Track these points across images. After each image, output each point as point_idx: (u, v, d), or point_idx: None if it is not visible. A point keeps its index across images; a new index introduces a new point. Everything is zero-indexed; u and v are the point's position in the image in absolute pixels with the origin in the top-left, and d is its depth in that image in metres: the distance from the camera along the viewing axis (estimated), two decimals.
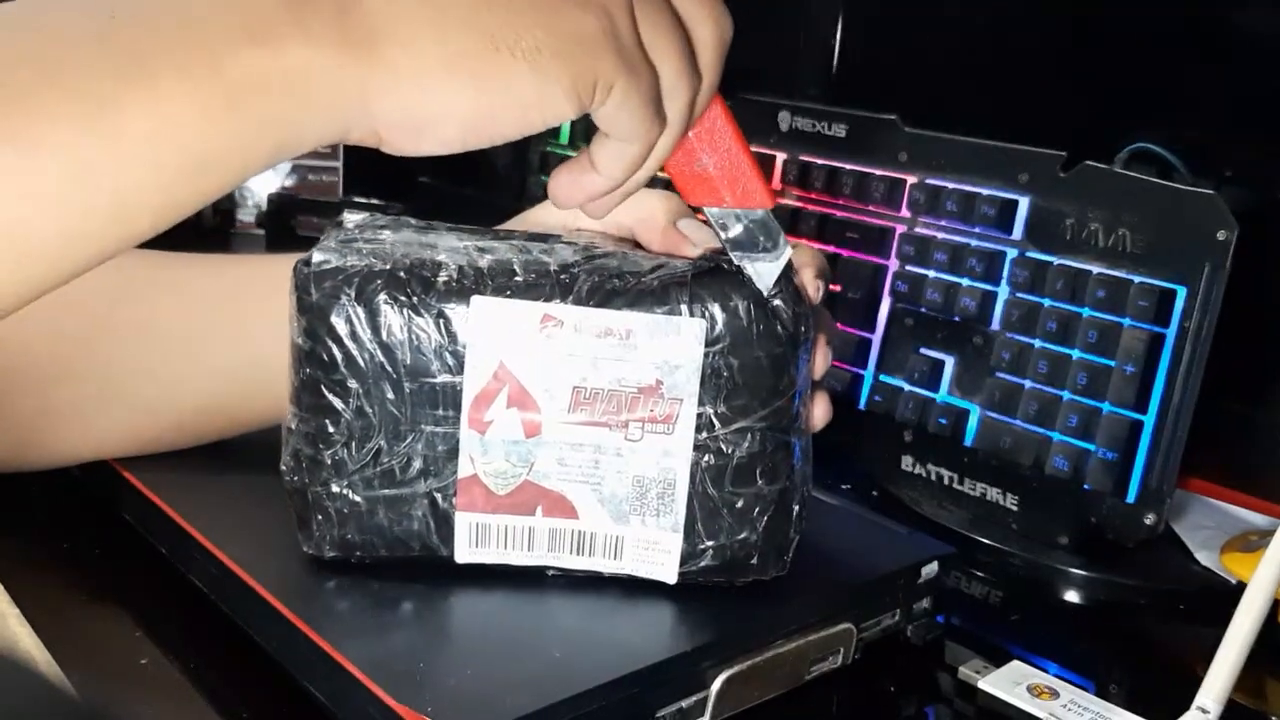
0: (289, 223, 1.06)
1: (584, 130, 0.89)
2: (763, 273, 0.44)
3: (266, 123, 0.36)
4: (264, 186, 1.14)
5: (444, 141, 0.38)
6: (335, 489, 0.45)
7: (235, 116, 0.35)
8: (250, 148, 0.36)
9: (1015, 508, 0.63)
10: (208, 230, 1.09)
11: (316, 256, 0.44)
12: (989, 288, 0.64)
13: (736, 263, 0.44)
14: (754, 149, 0.74)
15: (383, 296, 0.43)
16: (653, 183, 0.44)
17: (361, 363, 0.43)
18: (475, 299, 0.43)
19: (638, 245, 0.49)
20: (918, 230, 0.68)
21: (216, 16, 0.35)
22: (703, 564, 0.45)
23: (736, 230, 0.44)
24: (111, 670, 0.46)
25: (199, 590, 0.49)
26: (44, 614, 0.47)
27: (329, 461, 0.45)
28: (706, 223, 0.45)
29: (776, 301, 0.44)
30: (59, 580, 0.52)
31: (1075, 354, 0.60)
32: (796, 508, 0.46)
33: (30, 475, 0.56)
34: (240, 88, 0.35)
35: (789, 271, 0.45)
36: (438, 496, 0.45)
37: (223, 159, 0.36)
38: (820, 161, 0.73)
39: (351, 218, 0.48)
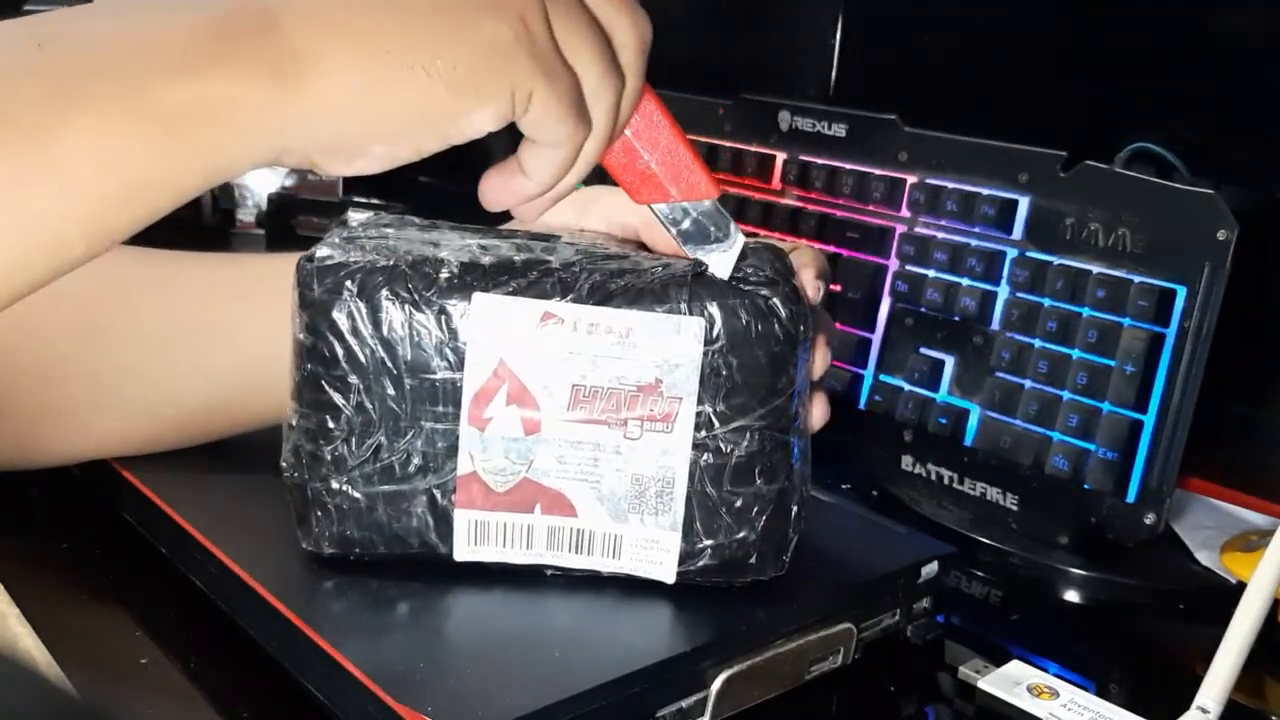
0: (289, 222, 1.06)
1: None
2: (719, 263, 0.45)
3: (196, 151, 0.36)
4: (264, 186, 1.13)
5: (373, 161, 0.39)
6: (335, 485, 0.45)
7: (165, 145, 0.36)
8: (181, 176, 0.37)
9: (1015, 507, 0.63)
10: (208, 230, 1.09)
11: (320, 252, 0.44)
12: (989, 287, 0.64)
13: (692, 256, 0.45)
14: (754, 149, 0.76)
15: (384, 292, 0.43)
16: None
17: (362, 358, 0.44)
18: (476, 296, 0.43)
19: (643, 246, 0.49)
20: (918, 230, 0.68)
21: (145, 47, 0.36)
22: (701, 563, 0.45)
23: (687, 224, 0.45)
24: (111, 670, 0.46)
25: (199, 590, 0.49)
26: (44, 614, 0.47)
27: (329, 457, 0.45)
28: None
29: (776, 300, 0.44)
30: (59, 580, 0.52)
31: (1075, 354, 0.60)
32: (795, 508, 0.46)
33: (30, 475, 0.56)
34: (169, 116, 0.35)
35: (789, 271, 0.45)
36: (437, 493, 0.45)
37: (154, 187, 0.36)
38: (820, 161, 0.73)
39: (356, 216, 0.49)
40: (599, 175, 0.45)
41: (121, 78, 0.35)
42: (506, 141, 0.41)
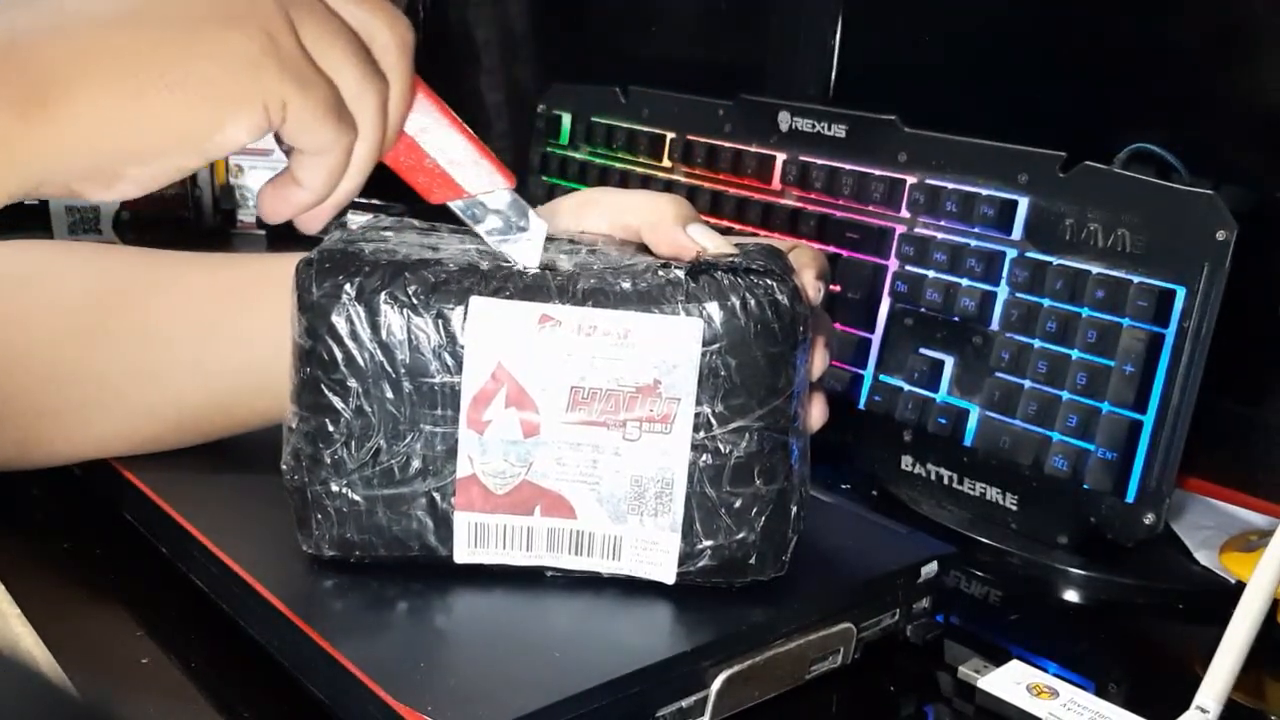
0: (290, 223, 1.06)
1: (583, 130, 0.90)
2: (524, 252, 0.45)
3: None
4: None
5: (133, 185, 0.40)
6: (335, 488, 0.45)
7: None
8: None
9: (1015, 507, 0.63)
10: (209, 230, 1.09)
11: (318, 256, 0.45)
12: (988, 288, 0.64)
13: (495, 249, 0.45)
14: (754, 149, 0.77)
15: (382, 296, 0.43)
16: (658, 186, 0.44)
17: (361, 362, 0.44)
18: (473, 299, 0.43)
19: (643, 248, 0.49)
20: (917, 230, 0.68)
21: None
22: (701, 564, 0.45)
23: (487, 218, 0.45)
24: (112, 670, 0.46)
25: (199, 590, 0.49)
26: (45, 614, 0.47)
27: (328, 460, 0.45)
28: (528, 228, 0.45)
29: (774, 300, 0.43)
30: (59, 580, 0.52)
31: (1075, 354, 0.60)
32: (795, 508, 0.46)
33: (31, 475, 0.57)
34: None
35: (787, 271, 0.45)
36: (436, 496, 0.45)
37: None
38: (820, 162, 0.73)
39: (355, 219, 0.49)
40: (596, 179, 0.45)
41: None
42: (509, 142, 0.41)
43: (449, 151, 0.44)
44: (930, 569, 0.51)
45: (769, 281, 0.44)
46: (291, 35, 0.39)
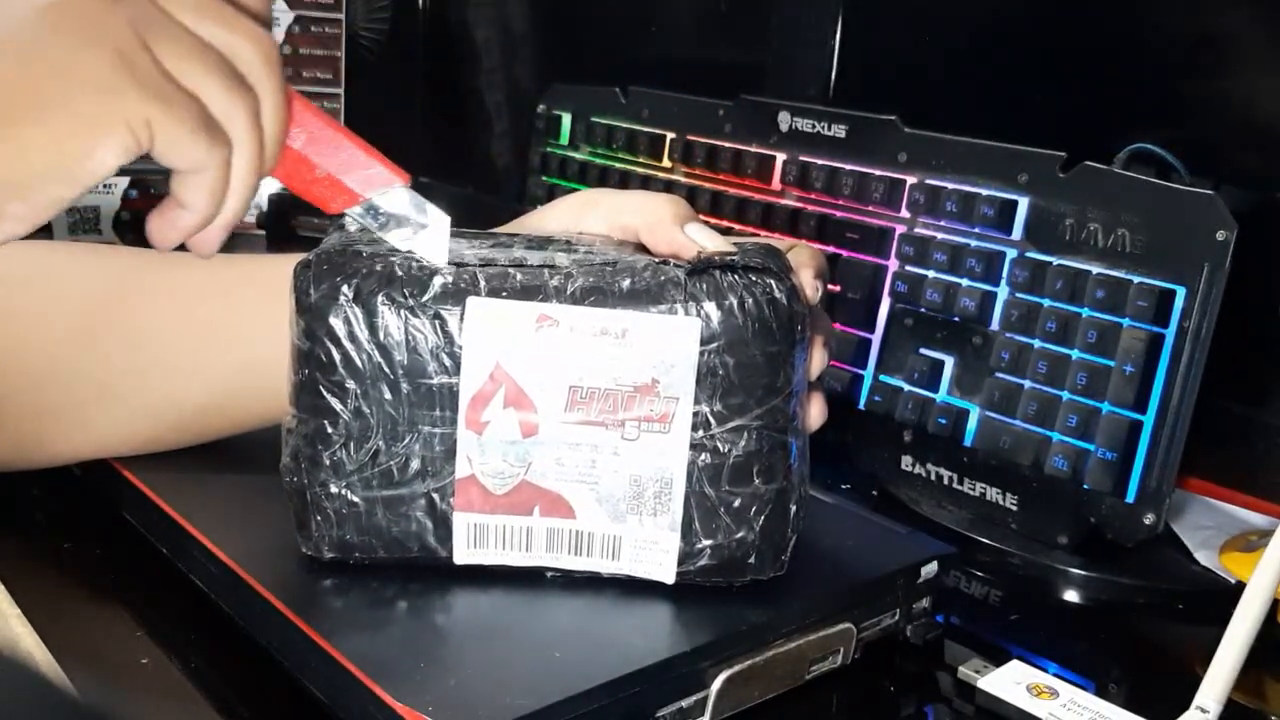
0: (289, 223, 1.06)
1: (583, 130, 0.90)
2: (429, 246, 0.45)
3: None
4: (265, 187, 1.13)
5: (14, 222, 0.39)
6: (334, 490, 0.45)
7: None
8: None
9: (1015, 507, 0.63)
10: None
11: (316, 257, 0.45)
12: (988, 288, 0.63)
13: (402, 249, 0.45)
14: (754, 149, 0.77)
15: (380, 298, 0.43)
16: (658, 186, 0.44)
17: (359, 364, 0.44)
18: (471, 300, 0.43)
19: (641, 248, 0.49)
20: (917, 230, 0.68)
21: None
22: (700, 563, 0.45)
23: (386, 219, 0.45)
24: (112, 670, 0.46)
25: (199, 590, 0.49)
26: (44, 614, 0.47)
27: (327, 462, 0.45)
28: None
29: (773, 299, 0.43)
30: (59, 580, 0.52)
31: (1075, 354, 0.60)
32: (794, 507, 0.46)
33: (30, 475, 0.57)
34: None
35: (785, 270, 0.45)
36: (436, 497, 0.45)
37: None
38: (820, 162, 0.73)
39: (353, 221, 0.48)
40: (596, 180, 0.45)
41: None
42: (509, 143, 0.41)
43: (337, 158, 0.44)
44: (930, 569, 0.51)
45: (767, 280, 0.44)
46: (146, 54, 0.38)
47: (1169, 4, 0.70)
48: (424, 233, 0.45)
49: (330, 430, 0.44)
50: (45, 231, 0.96)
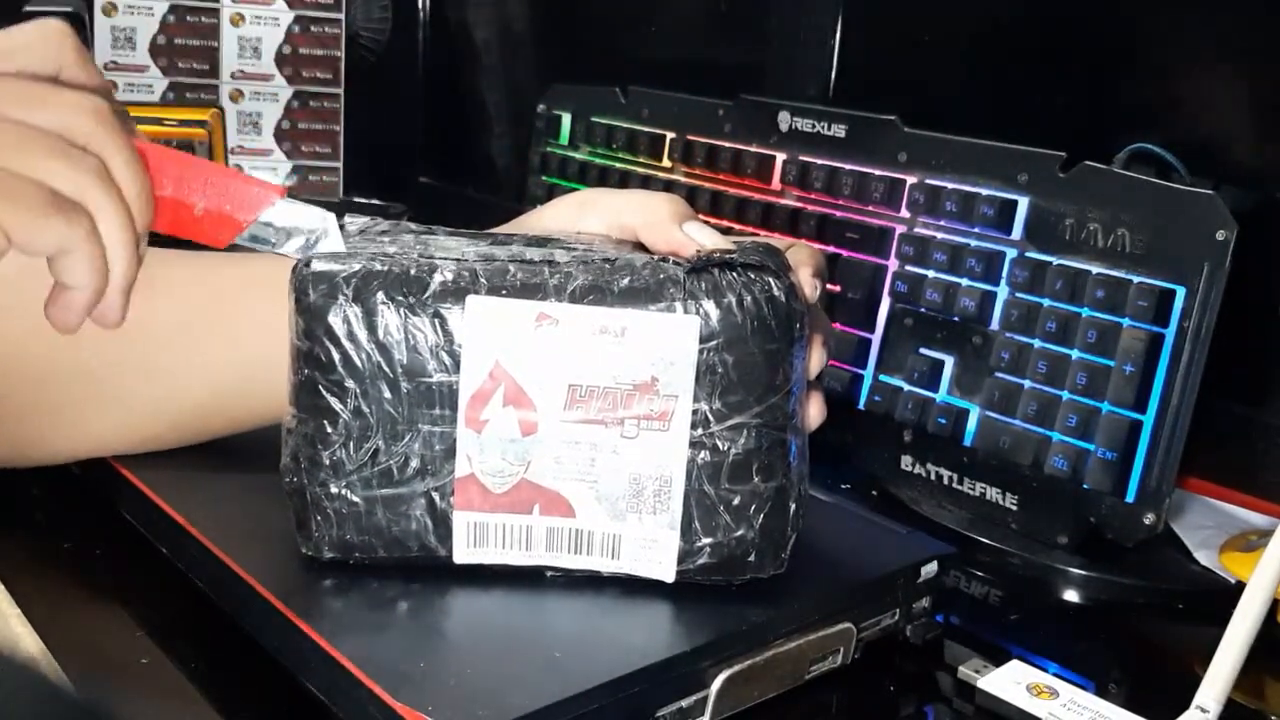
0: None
1: (583, 130, 0.90)
2: (329, 247, 0.45)
3: None
4: None
5: None
6: (334, 489, 0.45)
7: None
8: None
9: (1014, 507, 0.63)
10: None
11: (315, 258, 0.45)
12: (988, 288, 0.63)
13: (302, 258, 0.45)
14: (754, 149, 0.77)
15: (379, 297, 0.43)
16: (658, 186, 0.44)
17: (359, 363, 0.44)
18: (470, 298, 0.43)
19: (640, 247, 0.49)
20: (917, 230, 0.68)
21: None
22: (700, 562, 0.45)
23: (275, 236, 0.45)
24: (111, 669, 0.46)
25: (199, 589, 0.49)
26: (44, 614, 0.47)
27: (327, 462, 0.45)
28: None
29: (772, 297, 0.43)
30: (59, 580, 0.52)
31: (1074, 354, 0.60)
32: (794, 505, 0.46)
33: (30, 474, 0.56)
34: None
35: (784, 268, 0.45)
36: (435, 496, 0.45)
37: None
38: (820, 162, 0.73)
39: (352, 222, 0.48)
40: (595, 180, 0.45)
41: None
42: (509, 143, 0.41)
43: (210, 193, 0.44)
44: (930, 569, 0.51)
45: (766, 278, 0.44)
46: None
47: (1169, 3, 0.70)
48: (317, 237, 0.45)
49: (330, 430, 0.44)
50: None
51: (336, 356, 0.44)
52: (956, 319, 0.65)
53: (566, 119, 0.92)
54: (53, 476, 0.57)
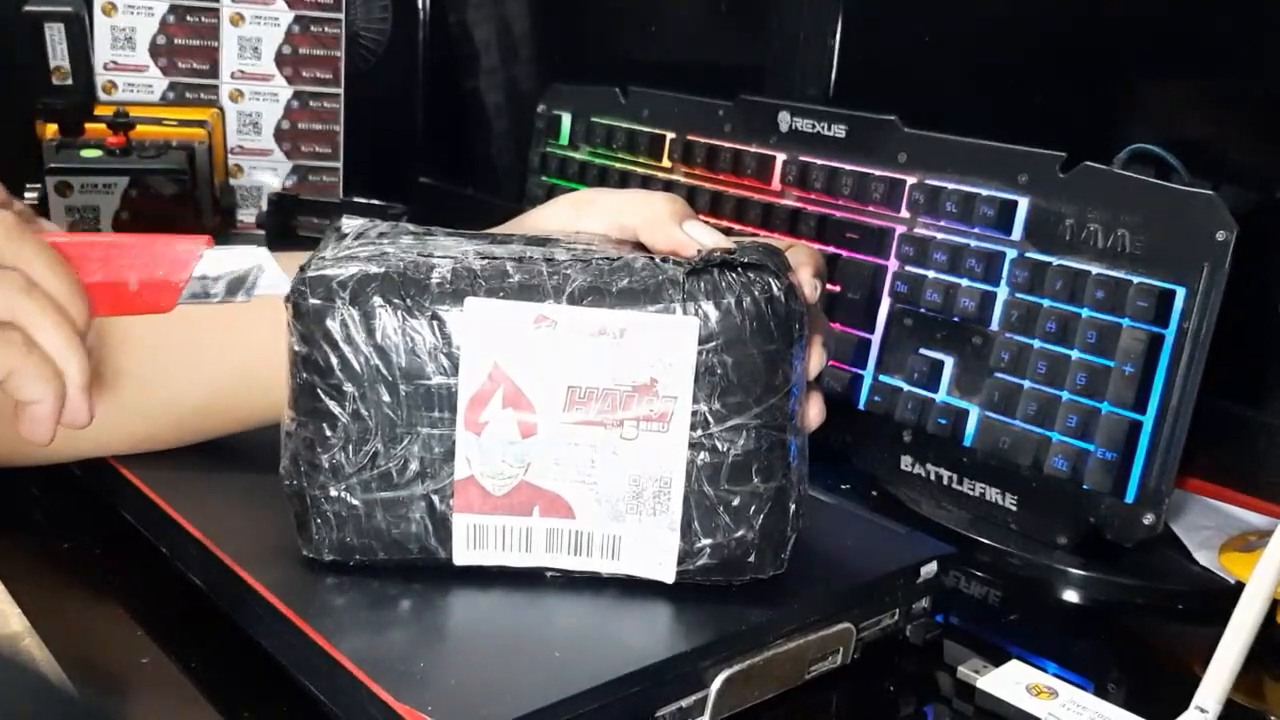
0: (289, 222, 1.06)
1: (583, 130, 0.90)
2: (271, 282, 0.44)
3: None
4: (264, 186, 1.14)
5: None
6: (333, 492, 0.45)
7: None
8: None
9: (1014, 508, 0.63)
10: (208, 230, 1.08)
11: (312, 262, 0.45)
12: (988, 288, 0.63)
13: (248, 300, 0.44)
14: (754, 149, 0.77)
15: (377, 300, 0.43)
16: (658, 186, 0.44)
17: (357, 366, 0.44)
18: (469, 300, 0.43)
19: (640, 247, 0.49)
20: (917, 231, 0.68)
21: None
22: (700, 563, 0.45)
23: (220, 288, 0.44)
24: (111, 669, 0.46)
25: (199, 589, 0.49)
26: (44, 613, 0.47)
27: (327, 465, 0.45)
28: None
29: (771, 298, 0.43)
30: (59, 579, 0.52)
31: (1074, 354, 0.60)
32: (793, 506, 0.46)
33: (30, 474, 0.57)
34: None
35: (784, 269, 0.45)
36: (435, 498, 0.45)
37: None
38: (820, 162, 0.73)
39: (350, 224, 0.48)
40: (595, 179, 0.45)
41: None
42: (509, 143, 0.41)
43: (138, 264, 0.43)
44: (930, 569, 0.51)
45: (765, 279, 0.44)
46: None
47: (1169, 3, 0.70)
48: (254, 276, 0.44)
49: (329, 433, 0.44)
50: None
51: (334, 360, 0.44)
52: (956, 319, 0.65)
53: (566, 119, 0.92)
54: (52, 476, 0.57)
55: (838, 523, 0.54)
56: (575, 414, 0.44)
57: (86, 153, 0.97)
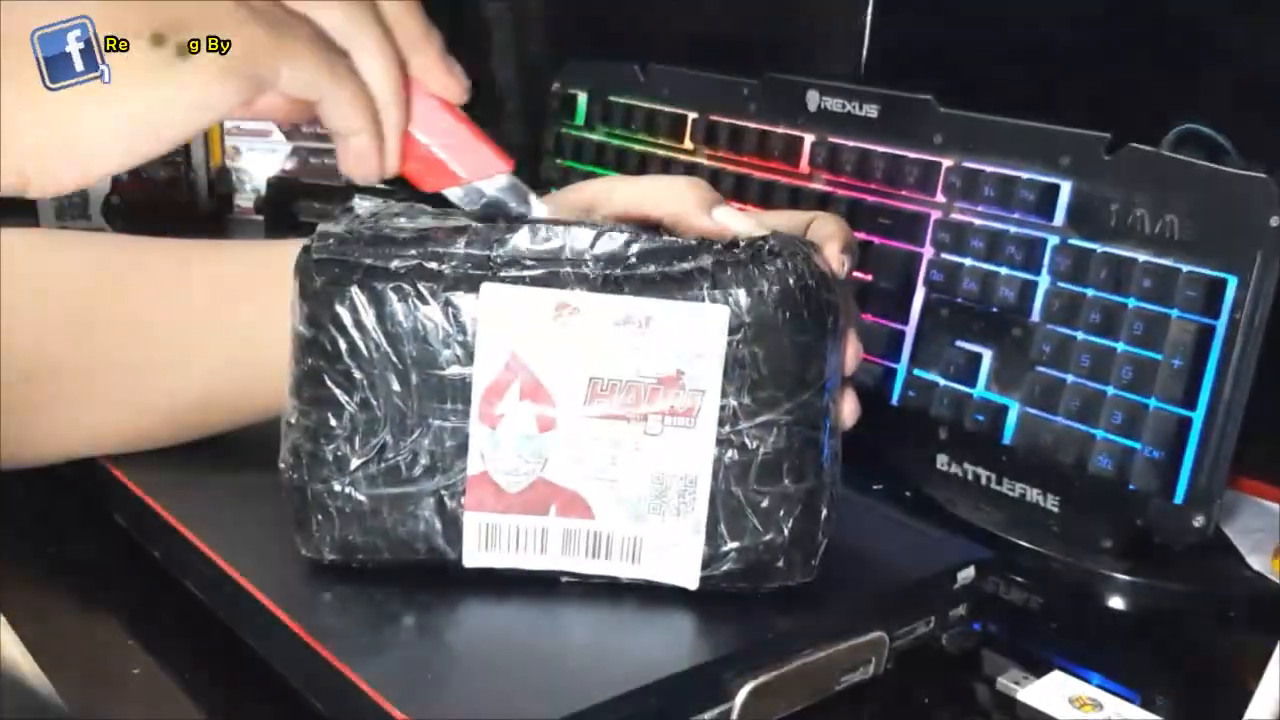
0: (289, 208, 1.06)
1: (600, 110, 0.90)
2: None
3: None
4: (263, 169, 1.12)
5: (107, 166, 0.39)
6: (337, 487, 0.44)
7: None
8: None
9: (1056, 509, 0.62)
10: (204, 215, 1.09)
11: (321, 241, 0.44)
12: (1029, 277, 0.63)
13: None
14: (781, 130, 0.76)
15: (389, 283, 0.43)
16: (679, 169, 0.43)
17: (366, 352, 0.43)
18: (485, 286, 0.43)
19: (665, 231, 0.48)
20: (953, 216, 0.67)
21: None
22: (725, 567, 0.44)
23: (482, 205, 0.45)
24: (101, 680, 0.46)
25: (194, 596, 0.49)
26: (31, 620, 0.48)
27: (330, 457, 0.44)
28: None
29: (804, 287, 0.43)
30: (47, 585, 0.52)
31: (1120, 347, 0.59)
32: (825, 509, 0.45)
33: (17, 475, 0.56)
34: None
35: (812, 253, 0.44)
36: (445, 495, 0.44)
37: None
38: (850, 144, 0.72)
39: (363, 204, 0.48)
40: (615, 161, 0.44)
41: None
42: (521, 123, 0.40)
43: (444, 137, 0.44)
44: (967, 574, 0.50)
45: (800, 266, 0.43)
46: None
47: None
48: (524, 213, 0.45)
49: (334, 423, 0.44)
50: (31, 218, 0.96)
51: (343, 345, 0.43)
52: (995, 310, 0.64)
53: (583, 98, 0.92)
54: (39, 476, 0.57)
55: (869, 525, 0.54)
56: (596, 407, 0.43)
57: None
